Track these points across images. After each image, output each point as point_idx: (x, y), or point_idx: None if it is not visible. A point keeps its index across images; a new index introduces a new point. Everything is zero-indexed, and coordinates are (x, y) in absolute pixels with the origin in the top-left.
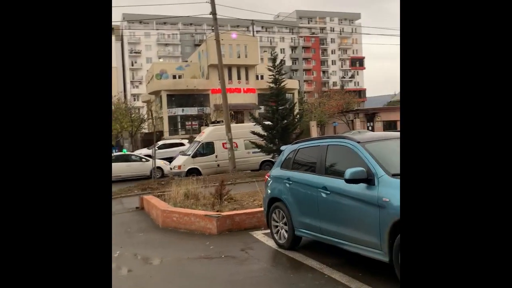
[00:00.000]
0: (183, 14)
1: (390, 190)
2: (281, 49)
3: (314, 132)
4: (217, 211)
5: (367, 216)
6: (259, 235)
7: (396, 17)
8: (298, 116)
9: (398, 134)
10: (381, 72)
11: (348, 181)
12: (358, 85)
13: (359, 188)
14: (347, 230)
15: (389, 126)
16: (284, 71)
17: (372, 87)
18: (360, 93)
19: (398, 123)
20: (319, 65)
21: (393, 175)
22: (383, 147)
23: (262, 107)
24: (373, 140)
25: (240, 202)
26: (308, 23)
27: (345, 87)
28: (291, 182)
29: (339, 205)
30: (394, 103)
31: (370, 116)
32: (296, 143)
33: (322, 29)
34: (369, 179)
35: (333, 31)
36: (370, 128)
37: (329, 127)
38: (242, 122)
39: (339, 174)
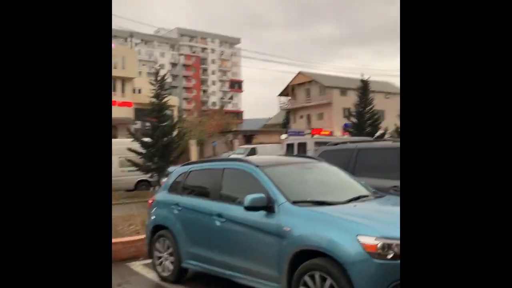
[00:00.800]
0: None
1: (291, 219)
2: (160, 65)
3: (194, 151)
4: None
5: (265, 246)
6: (138, 266)
7: (272, 45)
8: (180, 133)
9: (296, 159)
10: (258, 96)
11: (248, 208)
12: (236, 106)
13: (258, 216)
14: (242, 261)
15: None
16: (167, 87)
17: (249, 110)
18: (238, 114)
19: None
20: (199, 84)
21: (294, 203)
22: (283, 173)
23: (139, 122)
24: (273, 164)
25: (114, 227)
26: (189, 42)
27: (224, 108)
28: (180, 208)
29: (235, 234)
30: (269, 127)
31: (248, 137)
32: (187, 164)
33: (204, 49)
34: (269, 206)
35: (214, 52)
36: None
37: (208, 147)
38: (116, 137)
39: (236, 201)
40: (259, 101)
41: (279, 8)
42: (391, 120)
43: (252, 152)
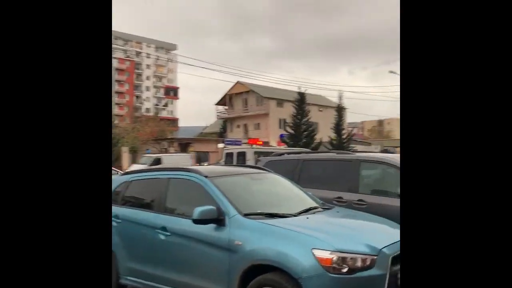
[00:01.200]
0: None
1: (243, 232)
2: None
3: (126, 158)
4: None
5: (214, 261)
6: None
7: (210, 54)
8: (113, 140)
9: (245, 169)
10: (194, 104)
11: (197, 221)
12: (171, 114)
13: (207, 230)
14: (189, 277)
15: (198, 157)
16: None
17: (185, 118)
18: (173, 122)
19: (210, 154)
20: (132, 89)
21: (245, 215)
22: (233, 184)
23: None
24: (222, 175)
25: None
26: (124, 45)
27: (159, 115)
28: (119, 221)
29: (181, 249)
30: (206, 135)
31: (184, 145)
32: (127, 173)
33: (138, 53)
34: (219, 219)
35: (149, 57)
36: None
37: (142, 154)
38: None
39: (183, 213)
40: (195, 109)
41: (217, 17)
42: (325, 132)
43: (157, 162)
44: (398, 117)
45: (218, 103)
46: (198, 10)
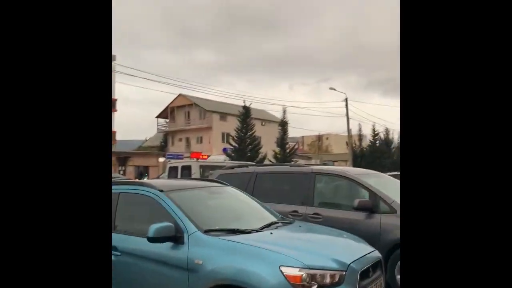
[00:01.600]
0: None
1: (203, 250)
2: None
3: None
4: None
5: (172, 282)
6: None
7: (152, 65)
8: None
9: (201, 183)
10: (133, 117)
11: (152, 239)
12: None
13: (164, 248)
14: None
15: (139, 172)
16: None
17: (123, 131)
18: None
19: (150, 168)
20: None
21: (206, 232)
22: (191, 198)
23: None
24: (178, 189)
25: None
26: None
27: None
28: None
29: (134, 270)
30: (146, 149)
31: (123, 159)
32: None
33: None
34: (177, 237)
35: None
36: (121, 172)
37: None
38: None
39: (135, 231)
40: (134, 122)
41: (158, 30)
42: (268, 146)
43: None
44: (336, 132)
45: (159, 116)
46: (138, 22)
